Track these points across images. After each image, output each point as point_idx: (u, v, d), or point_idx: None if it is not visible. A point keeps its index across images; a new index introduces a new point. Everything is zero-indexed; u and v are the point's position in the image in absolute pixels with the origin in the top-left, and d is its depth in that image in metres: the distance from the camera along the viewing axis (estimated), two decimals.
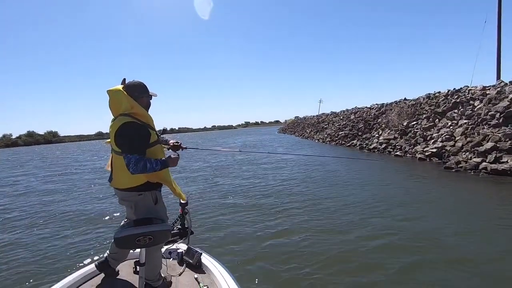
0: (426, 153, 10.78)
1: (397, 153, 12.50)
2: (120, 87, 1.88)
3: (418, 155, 11.09)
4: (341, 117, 25.23)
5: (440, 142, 10.79)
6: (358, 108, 24.26)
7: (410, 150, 12.04)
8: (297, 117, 64.08)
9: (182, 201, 2.25)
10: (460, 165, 8.53)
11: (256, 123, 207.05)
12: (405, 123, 14.27)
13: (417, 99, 15.95)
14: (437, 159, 10.25)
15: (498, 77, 15.80)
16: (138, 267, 1.84)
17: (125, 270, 2.17)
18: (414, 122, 13.83)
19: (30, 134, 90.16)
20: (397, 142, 13.50)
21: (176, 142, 2.24)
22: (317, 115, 39.06)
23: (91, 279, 2.08)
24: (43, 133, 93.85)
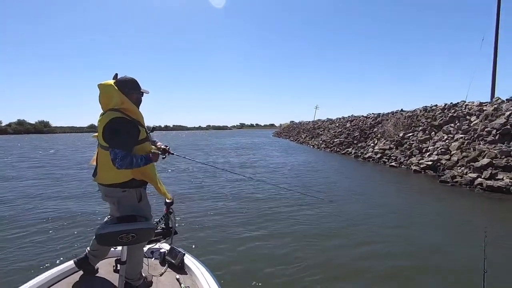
0: (421, 165, 10.75)
1: (392, 163, 12.46)
2: (111, 81, 1.86)
3: (413, 167, 11.05)
4: (337, 124, 25.25)
5: (436, 155, 10.77)
6: (355, 116, 24.32)
7: (405, 161, 12.01)
8: (293, 121, 64.12)
9: (168, 200, 2.23)
10: (456, 180, 8.48)
11: (251, 125, 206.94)
12: (401, 134, 14.28)
13: (414, 111, 16.02)
14: (432, 172, 10.21)
15: (493, 94, 16.00)
16: (118, 265, 1.80)
17: (105, 268, 2.11)
18: (410, 134, 13.84)
19: (21, 123, 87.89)
20: (393, 153, 13.47)
21: (165, 146, 2.22)
22: (313, 121, 39.11)
23: (68, 276, 2.02)
24: (34, 123, 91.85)
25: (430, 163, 10.50)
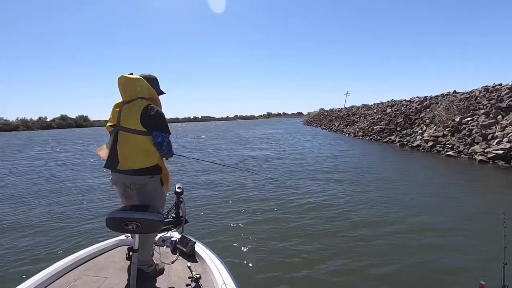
0: (489, 155, 9.19)
1: (449, 153, 10.91)
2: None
3: (478, 157, 9.51)
4: (375, 110, 23.41)
5: (507, 142, 9.14)
6: (395, 100, 22.34)
7: (466, 150, 10.42)
8: (322, 109, 61.91)
9: (178, 190, 2.28)
10: None
11: (278, 114, 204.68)
12: (457, 119, 12.52)
13: (471, 92, 14.06)
14: (503, 162, 8.66)
15: None
16: (131, 253, 1.81)
17: (118, 256, 2.16)
18: (469, 118, 12.06)
19: (63, 118, 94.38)
20: (448, 140, 11.85)
21: None
22: (346, 108, 37.08)
23: (83, 263, 2.06)
24: (75, 117, 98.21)
25: (500, 152, 8.92)
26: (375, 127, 19.24)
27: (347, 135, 23.04)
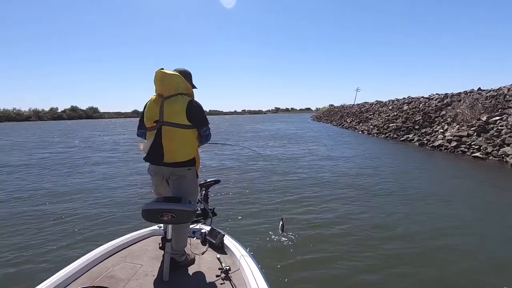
0: None
1: (476, 154, 10.22)
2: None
3: (510, 160, 8.82)
4: (390, 107, 22.53)
5: None
6: (412, 97, 21.45)
7: (495, 152, 9.73)
8: (332, 105, 60.93)
9: (205, 183, 2.35)
10: None
11: (287, 110, 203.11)
12: (483, 118, 11.76)
13: (499, 89, 13.22)
14: None
15: None
16: (165, 243, 1.86)
17: (152, 245, 2.25)
18: (497, 118, 11.30)
19: (74, 109, 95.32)
20: (473, 141, 11.14)
21: None
22: (358, 104, 36.13)
23: (121, 250, 2.14)
24: (85, 109, 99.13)
25: None
26: (390, 125, 18.49)
27: (360, 132, 22.31)
